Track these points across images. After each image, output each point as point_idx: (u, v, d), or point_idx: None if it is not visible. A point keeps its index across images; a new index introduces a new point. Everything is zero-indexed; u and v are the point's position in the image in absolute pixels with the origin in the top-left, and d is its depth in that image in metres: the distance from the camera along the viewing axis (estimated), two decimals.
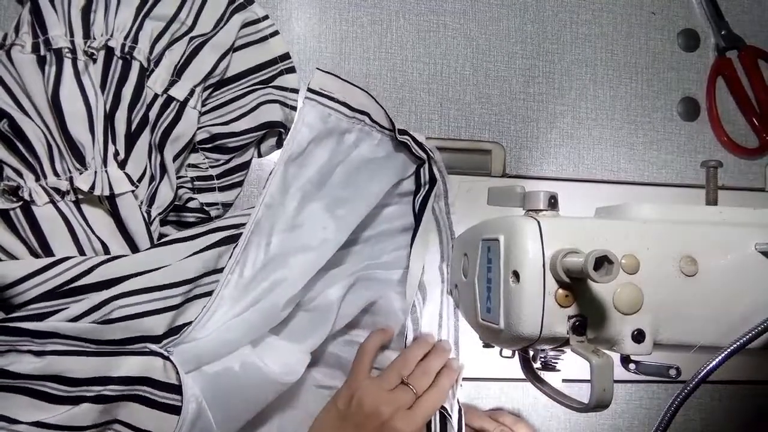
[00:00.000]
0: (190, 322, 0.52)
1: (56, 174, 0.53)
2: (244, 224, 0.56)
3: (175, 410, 0.50)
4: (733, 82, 0.73)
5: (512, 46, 0.71)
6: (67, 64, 0.54)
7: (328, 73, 0.59)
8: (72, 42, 0.54)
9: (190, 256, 0.54)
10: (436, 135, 0.68)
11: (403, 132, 0.59)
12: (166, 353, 0.51)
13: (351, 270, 0.60)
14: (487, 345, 0.59)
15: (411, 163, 0.61)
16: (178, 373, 0.51)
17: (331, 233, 0.57)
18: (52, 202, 0.53)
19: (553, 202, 0.46)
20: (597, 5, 0.72)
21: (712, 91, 0.73)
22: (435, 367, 0.58)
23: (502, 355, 0.59)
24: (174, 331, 0.52)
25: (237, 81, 0.62)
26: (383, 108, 0.60)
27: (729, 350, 0.40)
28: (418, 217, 0.59)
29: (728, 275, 0.43)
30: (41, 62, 0.54)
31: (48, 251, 0.52)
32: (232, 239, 0.55)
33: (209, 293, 0.54)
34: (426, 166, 0.60)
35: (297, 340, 0.57)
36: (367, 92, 0.60)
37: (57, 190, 0.53)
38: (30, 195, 0.52)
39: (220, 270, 0.55)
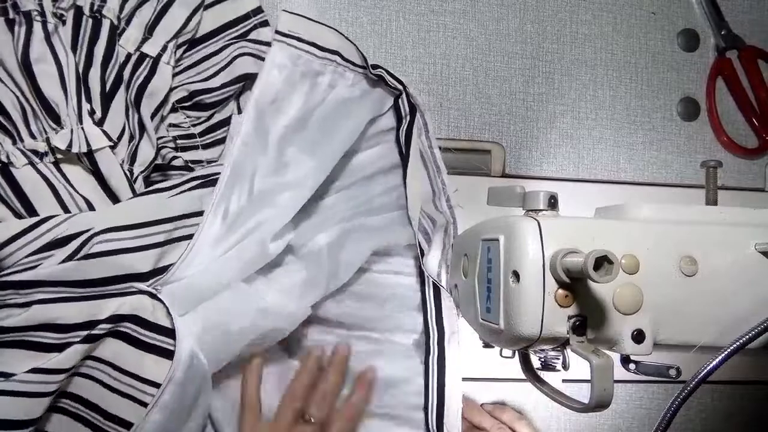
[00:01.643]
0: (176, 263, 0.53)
1: (32, 136, 0.53)
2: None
3: (167, 354, 0.50)
4: (733, 83, 0.73)
5: (512, 46, 0.71)
6: (37, 26, 0.54)
7: (295, 14, 0.59)
8: (40, 5, 0.54)
9: (172, 197, 0.54)
10: (436, 135, 0.68)
11: (376, 66, 0.59)
12: (154, 291, 0.51)
13: (340, 215, 0.60)
14: (487, 345, 0.59)
15: (388, 96, 0.61)
16: (169, 314, 0.50)
17: (312, 168, 0.57)
18: (32, 164, 0.53)
19: (552, 202, 0.46)
20: (597, 5, 0.72)
21: (712, 91, 0.73)
22: (332, 387, 0.55)
23: (502, 355, 0.59)
24: (160, 270, 0.52)
25: (211, 38, 0.62)
26: (354, 44, 0.60)
27: (729, 350, 0.40)
28: (405, 147, 0.59)
29: (728, 275, 0.43)
30: (10, 25, 0.54)
31: (33, 213, 0.53)
32: (213, 183, 0.55)
33: (192, 236, 0.54)
34: (404, 96, 0.60)
35: (294, 285, 0.57)
36: (337, 30, 0.60)
37: (35, 152, 0.53)
38: (7, 157, 0.52)
39: (202, 213, 0.54)
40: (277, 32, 0.59)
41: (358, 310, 0.60)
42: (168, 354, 0.50)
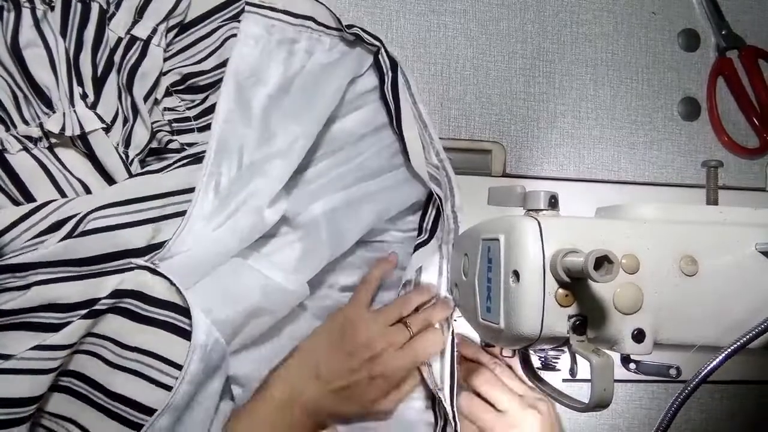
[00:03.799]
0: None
1: (25, 122, 0.53)
2: None
3: (171, 328, 0.50)
4: (734, 82, 0.73)
5: (512, 46, 0.71)
6: (26, 13, 0.54)
7: None
8: None
9: (163, 175, 0.55)
10: (438, 135, 0.68)
11: (351, 26, 0.59)
12: (152, 266, 0.51)
13: (334, 183, 0.60)
14: (487, 345, 0.59)
15: (366, 55, 0.61)
16: (173, 285, 0.50)
17: (298, 134, 0.57)
18: (26, 149, 0.53)
19: (553, 202, 0.46)
20: (597, 5, 0.72)
21: (713, 91, 0.73)
22: (436, 319, 0.57)
23: (502, 355, 0.59)
24: (155, 246, 0.52)
25: (202, 22, 0.62)
26: (327, 7, 0.60)
27: (729, 350, 0.40)
28: (394, 102, 0.59)
29: (728, 275, 0.43)
30: None
31: (30, 199, 0.53)
32: (202, 161, 0.55)
33: (186, 212, 0.54)
34: (383, 52, 0.60)
35: (291, 259, 0.57)
36: None
37: (29, 138, 0.53)
38: (2, 144, 0.52)
39: (193, 189, 0.54)
40: (248, 3, 0.59)
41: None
42: (174, 328, 0.50)
